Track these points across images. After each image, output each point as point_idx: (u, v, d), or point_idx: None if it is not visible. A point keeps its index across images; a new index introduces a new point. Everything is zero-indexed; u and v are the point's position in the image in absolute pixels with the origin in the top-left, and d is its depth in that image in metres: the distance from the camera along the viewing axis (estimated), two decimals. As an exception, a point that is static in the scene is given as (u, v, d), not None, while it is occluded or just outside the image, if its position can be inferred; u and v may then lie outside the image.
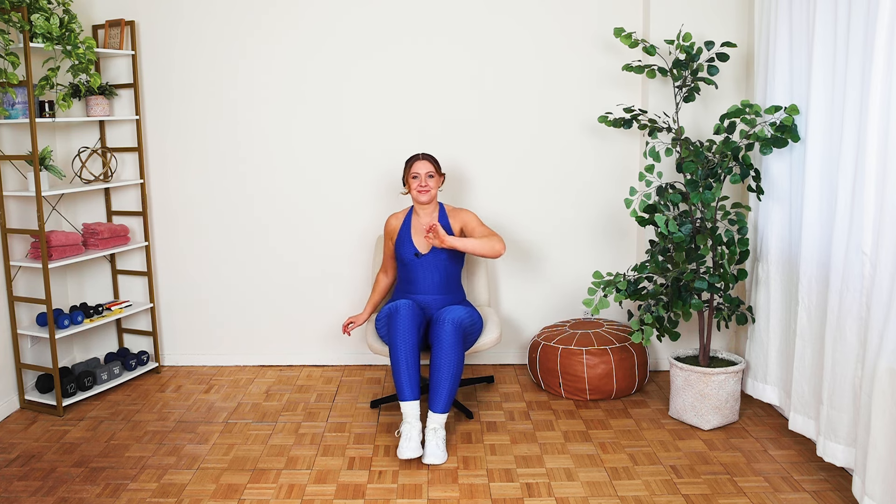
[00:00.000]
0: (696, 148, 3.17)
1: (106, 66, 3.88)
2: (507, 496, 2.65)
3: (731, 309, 3.25)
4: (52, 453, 3.04)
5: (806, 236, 2.83)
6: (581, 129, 3.86)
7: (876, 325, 2.31)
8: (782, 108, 3.01)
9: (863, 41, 2.43)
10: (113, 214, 3.97)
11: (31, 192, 3.33)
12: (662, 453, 2.98)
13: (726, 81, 3.60)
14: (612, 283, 3.15)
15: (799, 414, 2.90)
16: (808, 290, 2.83)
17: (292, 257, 4.01)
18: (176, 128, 3.92)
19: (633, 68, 3.42)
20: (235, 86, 3.88)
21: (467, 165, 3.89)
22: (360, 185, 3.93)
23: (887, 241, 2.27)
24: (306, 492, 2.70)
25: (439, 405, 2.97)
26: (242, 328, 4.08)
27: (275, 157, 3.93)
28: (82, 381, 3.57)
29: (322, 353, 4.08)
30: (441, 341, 2.99)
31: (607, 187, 3.89)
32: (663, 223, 3.09)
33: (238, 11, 3.82)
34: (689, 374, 3.18)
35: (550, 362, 3.56)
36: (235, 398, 3.63)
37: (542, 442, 3.09)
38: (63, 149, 3.84)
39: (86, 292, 4.03)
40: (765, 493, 2.64)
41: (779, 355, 3.16)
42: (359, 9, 3.80)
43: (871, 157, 2.34)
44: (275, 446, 3.08)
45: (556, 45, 3.80)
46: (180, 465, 2.93)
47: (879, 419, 2.24)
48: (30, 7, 3.18)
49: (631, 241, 3.94)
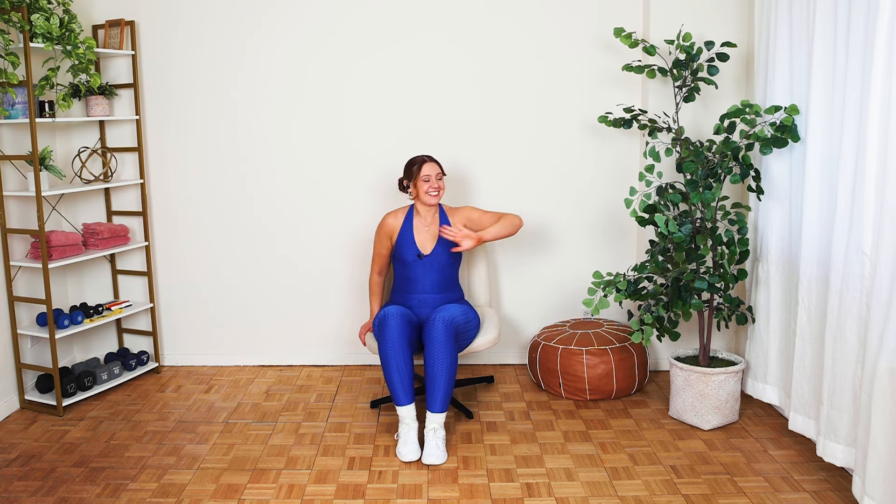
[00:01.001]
0: (696, 148, 3.17)
1: (106, 66, 3.88)
2: (507, 496, 2.65)
3: (731, 309, 3.25)
4: (52, 453, 3.04)
5: (806, 236, 2.83)
6: (581, 129, 3.86)
7: (876, 325, 2.31)
8: (782, 108, 3.01)
9: (863, 41, 2.43)
10: (113, 214, 3.97)
11: (31, 192, 3.33)
12: (662, 453, 2.98)
13: (726, 81, 3.60)
14: (612, 283, 3.15)
15: (799, 414, 2.90)
16: (808, 290, 2.83)
17: (292, 257, 4.01)
18: (176, 128, 3.92)
19: (633, 68, 3.42)
20: (235, 86, 3.88)
21: (467, 165, 3.89)
22: (360, 184, 3.93)
23: (887, 241, 2.27)
24: (306, 492, 2.70)
25: (436, 404, 2.97)
26: (242, 328, 4.08)
27: (275, 157, 3.93)
28: (82, 381, 3.57)
29: (322, 353, 4.08)
30: (433, 340, 3.00)
31: (607, 187, 3.89)
32: (663, 223, 3.09)
33: (238, 11, 3.82)
34: (689, 374, 3.18)
35: (550, 362, 3.56)
36: (235, 398, 3.63)
37: (542, 442, 3.09)
38: (63, 149, 3.84)
39: (86, 292, 4.03)
40: (765, 493, 2.64)
41: (779, 355, 3.16)
42: (359, 9, 3.80)
43: (871, 157, 2.34)
44: (275, 446, 3.09)
45: (556, 45, 3.80)
46: (180, 465, 2.93)
47: (879, 419, 2.24)
48: (30, 7, 3.17)
49: (631, 241, 3.94)
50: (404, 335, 3.01)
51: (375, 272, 3.51)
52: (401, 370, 2.98)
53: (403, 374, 2.98)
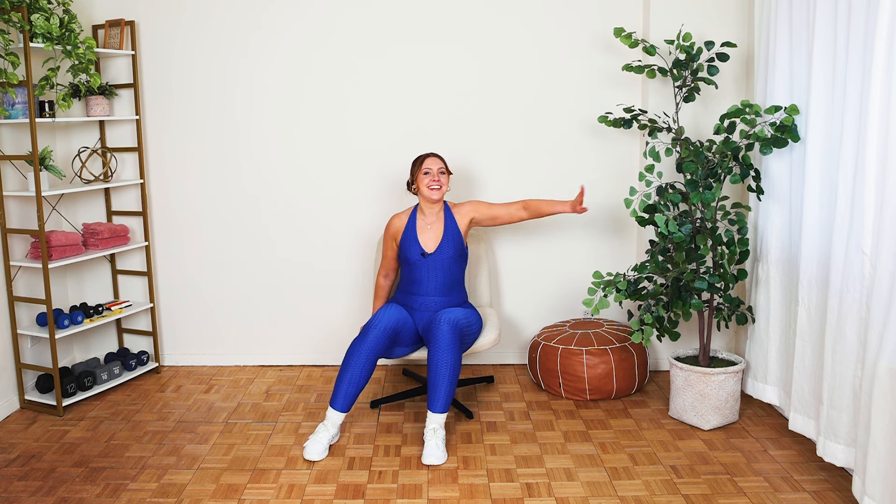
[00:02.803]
0: (696, 148, 3.17)
1: (106, 66, 3.88)
2: (507, 496, 2.65)
3: (731, 309, 3.25)
4: (52, 453, 3.04)
5: (806, 236, 2.83)
6: (581, 129, 3.86)
7: (876, 325, 2.31)
8: (782, 108, 3.01)
9: (863, 41, 2.43)
10: (113, 214, 3.97)
11: (31, 192, 3.33)
12: (662, 453, 2.98)
13: (726, 81, 3.60)
14: (612, 283, 3.16)
15: (799, 414, 2.90)
16: (808, 290, 2.83)
17: (293, 257, 4.01)
18: (176, 128, 3.92)
19: (633, 68, 3.42)
20: (236, 85, 3.88)
21: (467, 165, 3.89)
22: (361, 184, 3.92)
23: (887, 241, 2.27)
24: (306, 492, 2.70)
25: (438, 405, 2.98)
26: (242, 328, 4.08)
27: (275, 156, 3.93)
28: (82, 381, 3.57)
29: (322, 354, 4.08)
30: (438, 342, 3.00)
31: (607, 187, 3.89)
32: (663, 223, 3.09)
33: (238, 11, 3.82)
34: (689, 374, 3.18)
35: (550, 362, 3.56)
36: (235, 398, 3.63)
37: (542, 442, 3.09)
38: (63, 149, 3.84)
39: (86, 292, 4.03)
40: (765, 493, 2.64)
41: (779, 355, 3.16)
42: (359, 9, 3.80)
43: (870, 157, 2.34)
44: (275, 446, 3.08)
45: (557, 45, 3.80)
46: (180, 465, 2.93)
47: (879, 419, 2.24)
48: (30, 7, 3.17)
49: (631, 241, 3.94)
50: (376, 351, 3.04)
51: (381, 275, 3.52)
52: (353, 380, 3.01)
53: (353, 385, 3.01)
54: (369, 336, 3.04)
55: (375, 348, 3.04)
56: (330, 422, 3.02)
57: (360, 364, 3.01)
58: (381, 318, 3.11)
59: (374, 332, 3.05)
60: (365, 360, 3.02)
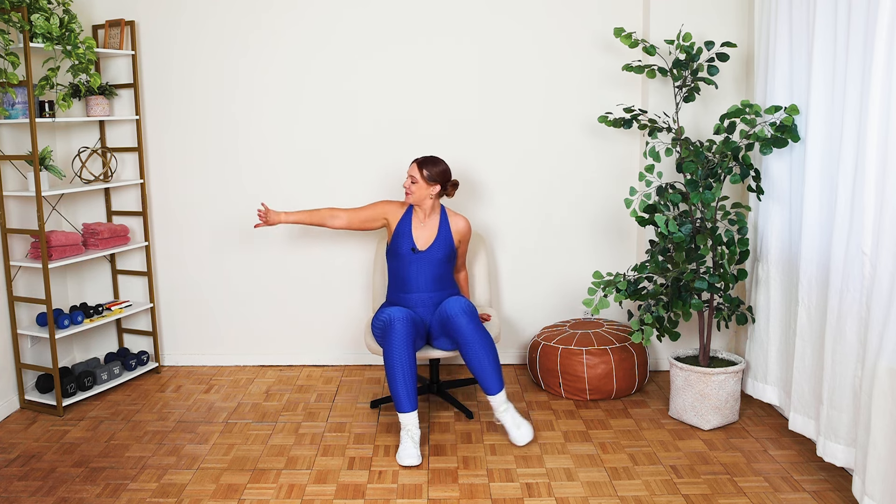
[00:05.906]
0: (696, 148, 3.17)
1: (106, 66, 3.88)
2: (507, 496, 2.65)
3: (731, 309, 3.25)
4: (52, 453, 3.04)
5: (806, 236, 2.83)
6: (581, 129, 3.86)
7: (876, 325, 2.31)
8: (782, 108, 3.01)
9: (863, 41, 2.43)
10: (113, 214, 3.97)
11: (31, 192, 3.33)
12: (662, 453, 2.98)
13: (726, 81, 3.60)
14: (612, 283, 3.15)
15: (799, 414, 2.90)
16: (808, 290, 2.83)
17: (292, 257, 4.01)
18: (176, 128, 3.92)
19: (633, 68, 3.42)
20: (236, 85, 3.88)
21: (468, 165, 3.89)
22: (361, 185, 3.92)
23: (887, 241, 2.27)
24: (306, 492, 2.70)
25: (494, 386, 3.02)
26: (242, 328, 4.08)
27: (275, 156, 3.93)
28: (82, 381, 3.57)
29: (322, 353, 4.08)
30: (464, 333, 3.01)
31: (607, 187, 3.89)
32: (663, 223, 3.09)
33: (238, 11, 3.82)
34: (689, 374, 3.18)
35: (550, 362, 3.56)
36: (235, 398, 3.63)
37: (542, 442, 3.09)
38: (63, 149, 3.84)
39: (86, 292, 4.03)
40: (765, 493, 2.64)
41: (779, 355, 3.16)
42: (359, 9, 3.80)
43: (871, 157, 2.34)
44: (275, 446, 3.08)
45: (557, 45, 3.80)
46: (180, 465, 2.93)
47: (879, 419, 2.24)
48: (30, 7, 3.17)
49: (631, 241, 3.94)
50: (409, 340, 3.00)
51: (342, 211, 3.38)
52: (406, 377, 2.96)
53: (408, 381, 2.96)
54: (396, 327, 3.00)
55: (407, 336, 2.99)
56: (407, 428, 2.96)
57: (403, 358, 2.96)
58: (391, 310, 3.09)
59: (398, 323, 3.01)
60: (405, 349, 2.97)
